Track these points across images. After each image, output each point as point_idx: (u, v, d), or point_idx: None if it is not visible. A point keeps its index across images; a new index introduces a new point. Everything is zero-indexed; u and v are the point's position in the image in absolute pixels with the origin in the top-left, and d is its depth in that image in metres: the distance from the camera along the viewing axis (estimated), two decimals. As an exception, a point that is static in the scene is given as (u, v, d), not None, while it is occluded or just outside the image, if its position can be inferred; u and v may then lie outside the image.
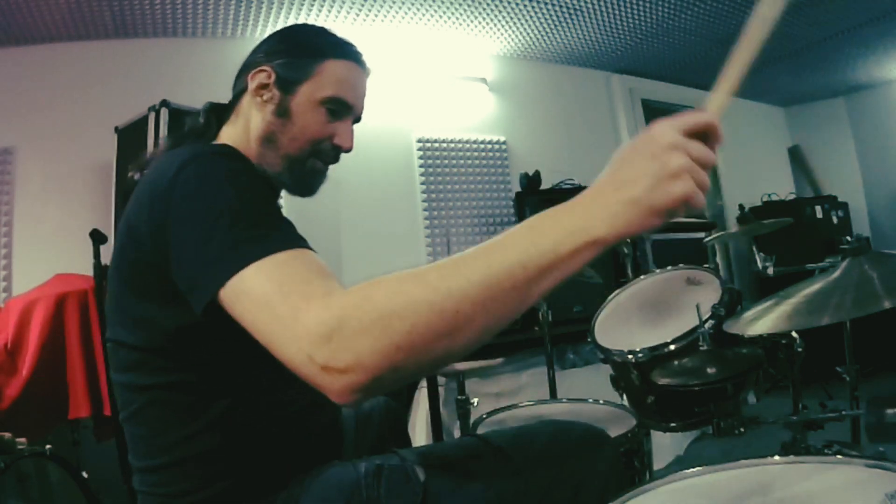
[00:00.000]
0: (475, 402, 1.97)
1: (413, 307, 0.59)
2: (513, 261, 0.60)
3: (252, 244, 0.68)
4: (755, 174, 5.13)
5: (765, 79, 4.82)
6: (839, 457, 0.80)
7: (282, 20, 3.13)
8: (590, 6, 3.40)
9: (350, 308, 0.60)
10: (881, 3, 3.57)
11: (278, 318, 0.62)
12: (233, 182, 0.77)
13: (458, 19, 3.40)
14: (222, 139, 1.00)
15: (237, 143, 0.97)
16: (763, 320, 1.03)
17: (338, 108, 1.00)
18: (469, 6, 3.27)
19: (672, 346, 1.41)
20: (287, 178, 1.00)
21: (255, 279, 0.66)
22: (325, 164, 1.03)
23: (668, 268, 1.73)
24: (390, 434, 1.27)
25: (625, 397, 1.58)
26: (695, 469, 0.86)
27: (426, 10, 3.26)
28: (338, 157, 1.04)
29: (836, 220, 4.72)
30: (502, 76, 3.96)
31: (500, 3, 3.27)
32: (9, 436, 1.54)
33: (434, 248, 3.58)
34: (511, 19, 3.48)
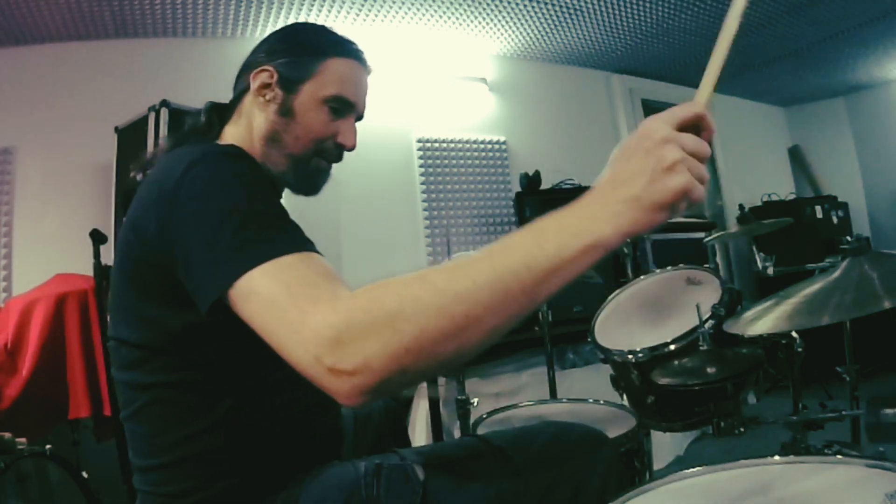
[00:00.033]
0: (475, 402, 1.98)
1: (421, 310, 0.59)
2: (519, 263, 0.60)
3: (260, 246, 0.68)
4: (755, 174, 5.13)
5: (765, 79, 4.82)
6: (839, 457, 0.80)
7: (282, 20, 3.13)
8: (590, 6, 3.40)
9: (358, 311, 0.60)
10: (881, 3, 3.57)
11: (286, 320, 0.63)
12: (242, 183, 0.77)
13: (458, 19, 3.40)
14: (226, 139, 1.00)
15: (241, 142, 0.97)
16: (763, 320, 1.03)
17: (341, 106, 0.99)
18: (469, 6, 3.27)
19: (672, 346, 1.41)
20: (291, 177, 1.00)
21: (263, 280, 0.66)
22: (329, 163, 1.03)
23: (668, 268, 1.73)
24: (389, 434, 1.27)
25: (625, 397, 1.58)
26: (695, 469, 0.86)
27: (426, 10, 3.26)
28: (341, 156, 1.04)
29: (836, 220, 4.72)
30: (502, 76, 3.96)
31: (500, 3, 3.27)
32: (9, 436, 1.54)
33: (434, 248, 3.58)
34: (511, 19, 3.48)
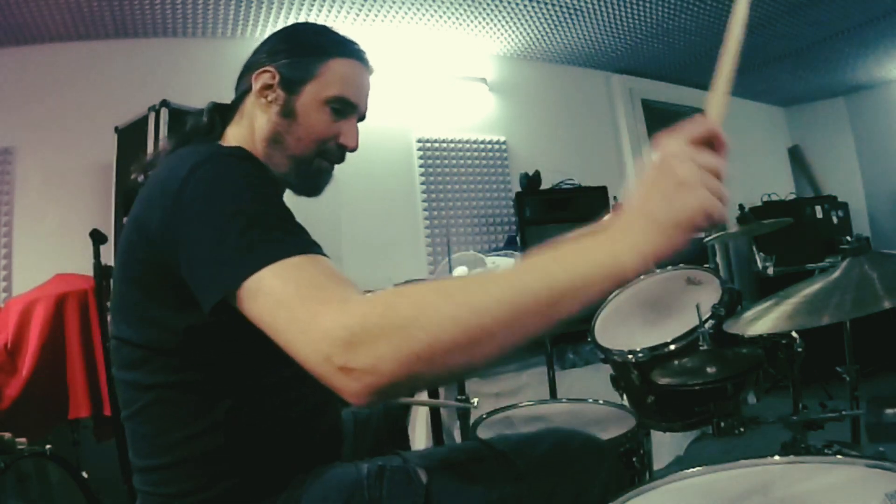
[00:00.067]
0: (475, 402, 1.97)
1: (437, 319, 0.60)
2: (539, 283, 0.61)
3: (269, 246, 0.69)
4: (755, 174, 5.13)
5: (765, 79, 4.82)
6: (839, 457, 0.80)
7: (282, 20, 3.13)
8: (590, 6, 3.40)
9: (373, 314, 0.61)
10: (881, 3, 3.57)
11: (297, 319, 0.63)
12: (248, 184, 0.77)
13: (458, 19, 3.40)
14: (228, 140, 1.00)
15: (243, 143, 0.97)
16: (763, 320, 1.03)
17: (343, 107, 0.99)
18: (469, 6, 3.27)
19: (672, 346, 1.41)
20: (293, 178, 0.99)
21: (273, 280, 0.66)
22: (331, 164, 1.03)
23: (668, 268, 1.73)
24: (389, 437, 1.27)
25: (625, 397, 1.58)
26: (695, 469, 0.86)
27: (426, 10, 3.26)
28: (343, 157, 1.03)
29: (836, 220, 4.72)
30: (502, 76, 3.96)
31: (500, 3, 3.27)
32: (9, 436, 1.54)
33: (434, 248, 3.58)
34: (511, 19, 3.48)
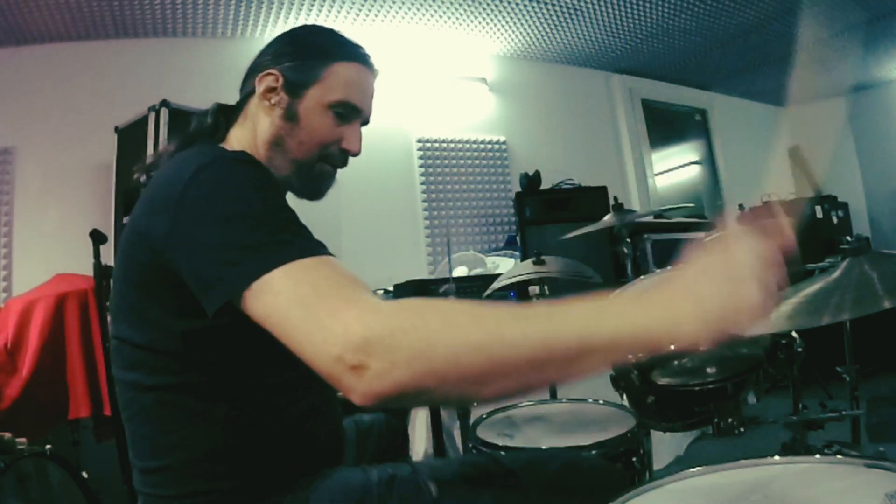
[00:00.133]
0: (475, 402, 1.97)
1: (463, 342, 0.59)
2: (572, 331, 0.60)
3: (279, 247, 0.68)
4: (755, 174, 5.13)
5: (765, 79, 4.82)
6: (839, 457, 0.80)
7: (282, 20, 3.13)
8: (590, 6, 3.40)
9: (399, 319, 0.61)
10: (881, 3, 3.57)
11: (313, 317, 0.62)
12: (253, 187, 0.77)
13: (458, 19, 3.40)
14: (231, 141, 1.00)
15: (246, 145, 0.97)
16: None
17: (346, 111, 0.99)
18: (469, 6, 3.27)
19: (672, 346, 1.40)
20: (295, 181, 0.99)
21: (286, 281, 0.66)
22: (334, 168, 1.03)
23: (668, 268, 1.73)
24: (390, 448, 1.27)
25: (625, 397, 1.57)
26: (695, 469, 0.86)
27: (426, 10, 3.26)
28: (346, 161, 1.03)
29: (836, 220, 4.72)
30: (502, 76, 3.96)
31: (500, 3, 3.27)
32: (9, 436, 1.54)
33: (434, 248, 3.59)
34: (511, 19, 3.48)
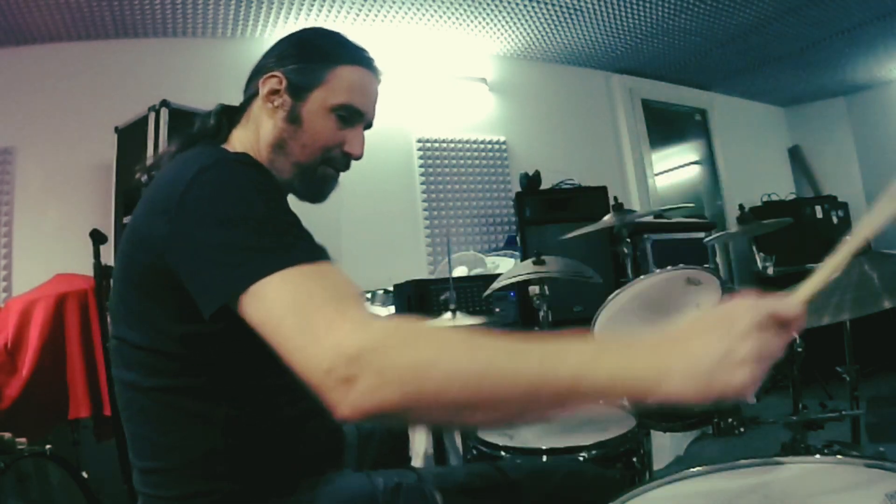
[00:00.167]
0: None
1: (454, 371, 0.60)
2: (564, 373, 0.61)
3: (280, 252, 0.68)
4: (755, 174, 5.13)
5: (765, 79, 4.82)
6: (839, 457, 0.80)
7: (282, 20, 3.13)
8: (590, 6, 3.40)
9: (394, 339, 0.61)
10: (881, 3, 3.57)
11: (308, 326, 0.63)
12: (255, 189, 0.76)
13: (458, 19, 3.40)
14: (233, 142, 1.00)
15: (248, 147, 0.97)
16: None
17: (349, 115, 0.99)
18: (469, 6, 3.27)
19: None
20: (298, 184, 0.99)
21: (282, 288, 0.66)
22: (336, 171, 1.02)
23: (668, 268, 1.72)
24: (391, 453, 1.27)
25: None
26: (695, 469, 0.86)
27: (426, 10, 3.26)
28: (349, 165, 1.03)
29: (836, 220, 4.72)
30: (502, 76, 3.96)
31: (500, 3, 3.27)
32: (9, 436, 1.54)
33: (434, 248, 3.59)
34: (511, 19, 3.48)
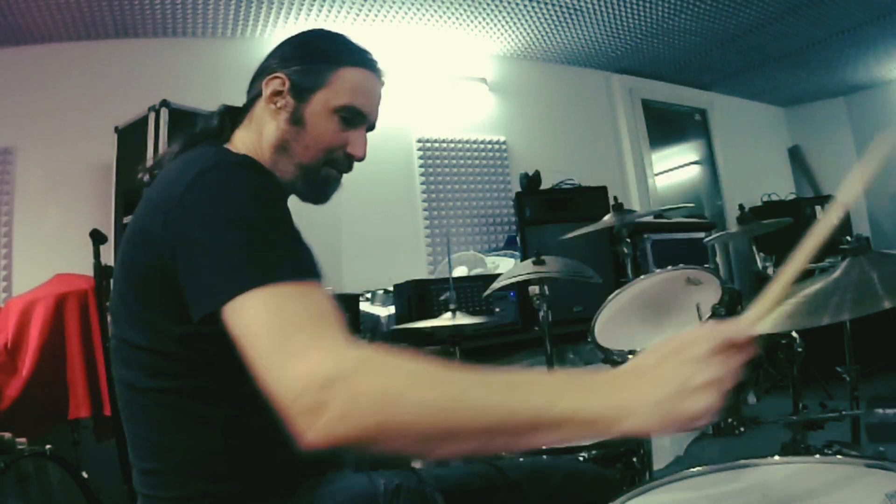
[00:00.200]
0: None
1: (426, 403, 0.61)
2: (529, 407, 0.61)
3: (266, 267, 0.68)
4: (755, 174, 5.13)
5: (765, 79, 4.82)
6: (839, 457, 0.80)
7: (282, 20, 3.13)
8: (590, 6, 3.40)
9: (367, 369, 0.62)
10: (881, 3, 3.57)
11: (281, 350, 0.63)
12: (256, 195, 0.76)
13: (458, 19, 3.40)
14: (236, 143, 0.99)
15: (251, 148, 0.97)
16: (763, 320, 1.02)
17: (352, 116, 0.99)
18: (469, 6, 3.27)
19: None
20: (300, 186, 0.99)
21: (261, 307, 0.66)
22: (339, 173, 1.03)
23: (668, 268, 1.73)
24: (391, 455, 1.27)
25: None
26: (695, 469, 0.86)
27: (426, 10, 3.26)
28: (351, 166, 1.03)
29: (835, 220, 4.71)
30: (502, 76, 3.96)
31: (500, 3, 3.27)
32: (9, 436, 1.54)
33: (434, 248, 3.58)
34: (511, 19, 3.48)
